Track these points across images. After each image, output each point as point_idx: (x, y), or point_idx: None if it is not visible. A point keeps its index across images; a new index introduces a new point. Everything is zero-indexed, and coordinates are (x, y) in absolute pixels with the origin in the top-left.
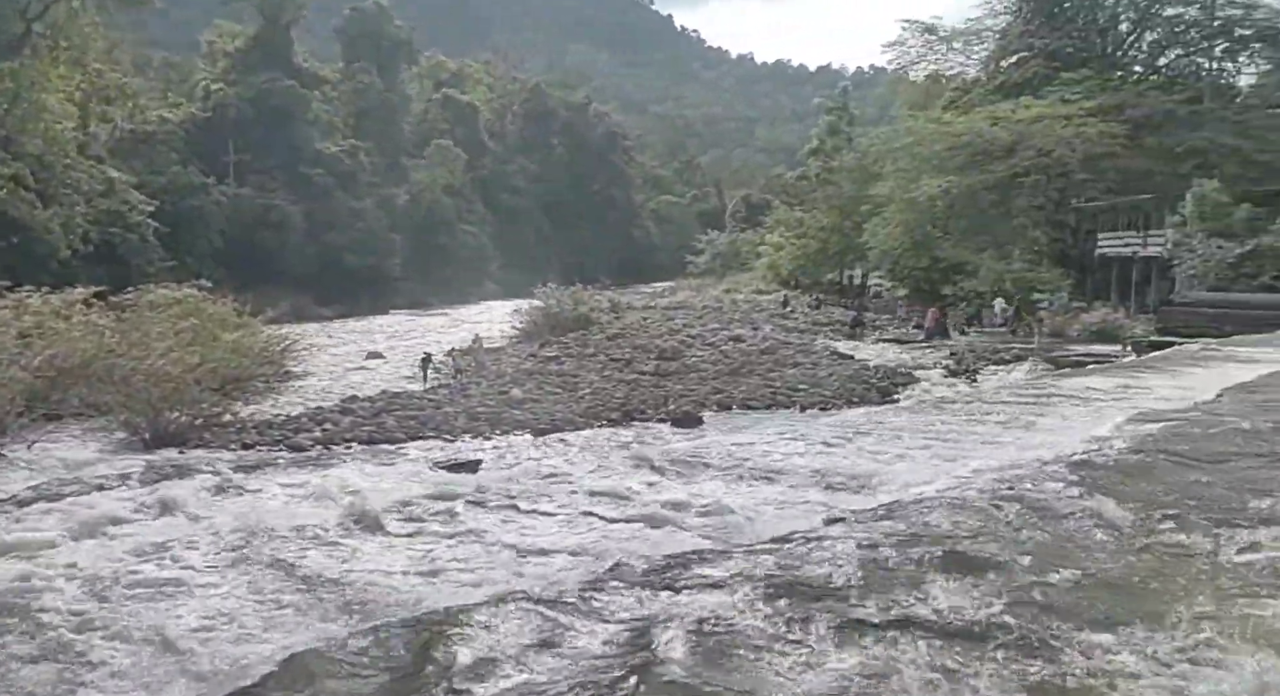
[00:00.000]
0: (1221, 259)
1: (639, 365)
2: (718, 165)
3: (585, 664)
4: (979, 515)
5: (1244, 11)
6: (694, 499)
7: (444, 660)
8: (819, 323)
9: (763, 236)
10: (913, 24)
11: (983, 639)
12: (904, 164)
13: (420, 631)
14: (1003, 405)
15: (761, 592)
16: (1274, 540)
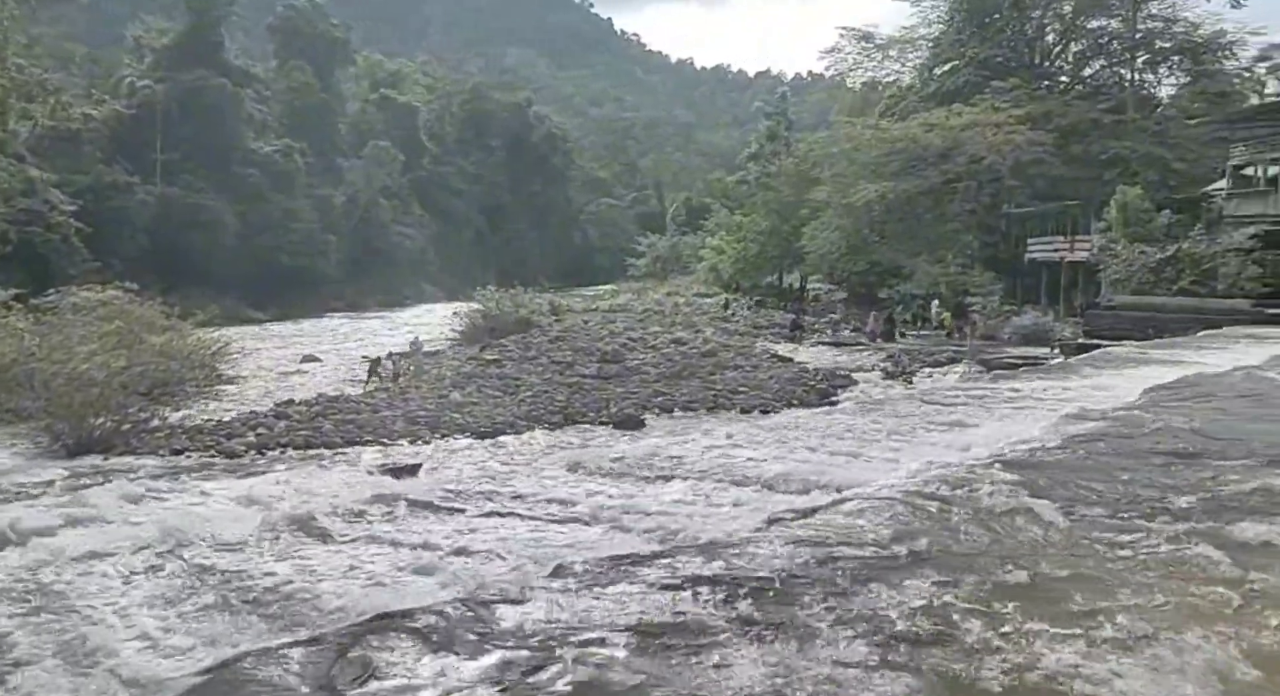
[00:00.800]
0: (1143, 264)
1: (580, 368)
2: (658, 168)
3: (521, 666)
4: (915, 515)
5: (1163, 25)
6: (635, 501)
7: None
8: (759, 325)
9: (703, 240)
10: (850, 31)
11: (917, 638)
12: (841, 169)
13: (352, 639)
14: (938, 406)
15: (699, 593)
16: (1198, 534)
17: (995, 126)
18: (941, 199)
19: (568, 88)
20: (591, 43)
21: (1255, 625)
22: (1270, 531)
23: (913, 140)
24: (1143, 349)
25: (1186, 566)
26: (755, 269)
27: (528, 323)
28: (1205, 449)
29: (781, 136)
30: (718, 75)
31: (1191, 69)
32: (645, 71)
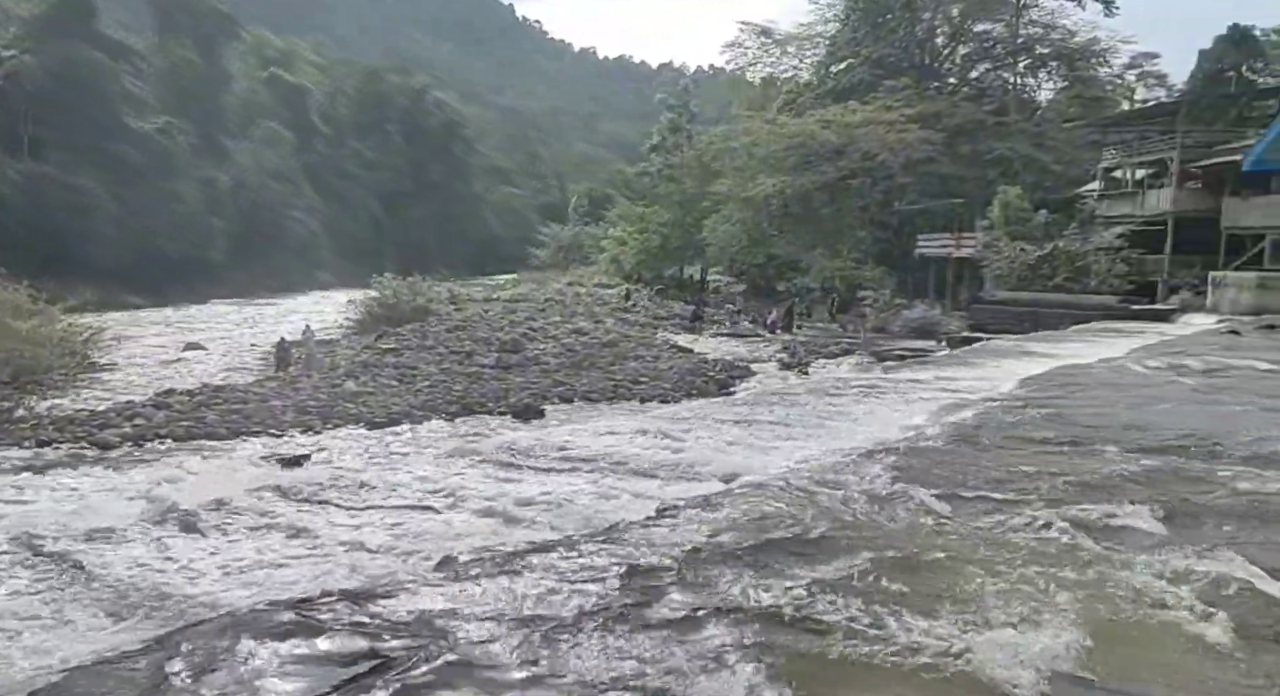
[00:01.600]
0: (1023, 261)
1: (479, 358)
2: (560, 158)
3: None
4: (804, 502)
5: (1043, 31)
6: (531, 491)
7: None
8: (660, 316)
9: (605, 230)
10: (750, 26)
11: (801, 623)
12: (741, 163)
13: (222, 637)
14: (830, 397)
15: (582, 583)
16: (1062, 517)
17: (888, 125)
18: (837, 194)
19: (468, 74)
20: (493, 29)
21: (1109, 603)
22: (1126, 513)
23: (810, 136)
24: (1020, 341)
25: (1050, 547)
26: (657, 260)
27: (426, 311)
28: (1072, 436)
29: (683, 129)
30: (621, 65)
31: (1068, 74)
32: (547, 59)
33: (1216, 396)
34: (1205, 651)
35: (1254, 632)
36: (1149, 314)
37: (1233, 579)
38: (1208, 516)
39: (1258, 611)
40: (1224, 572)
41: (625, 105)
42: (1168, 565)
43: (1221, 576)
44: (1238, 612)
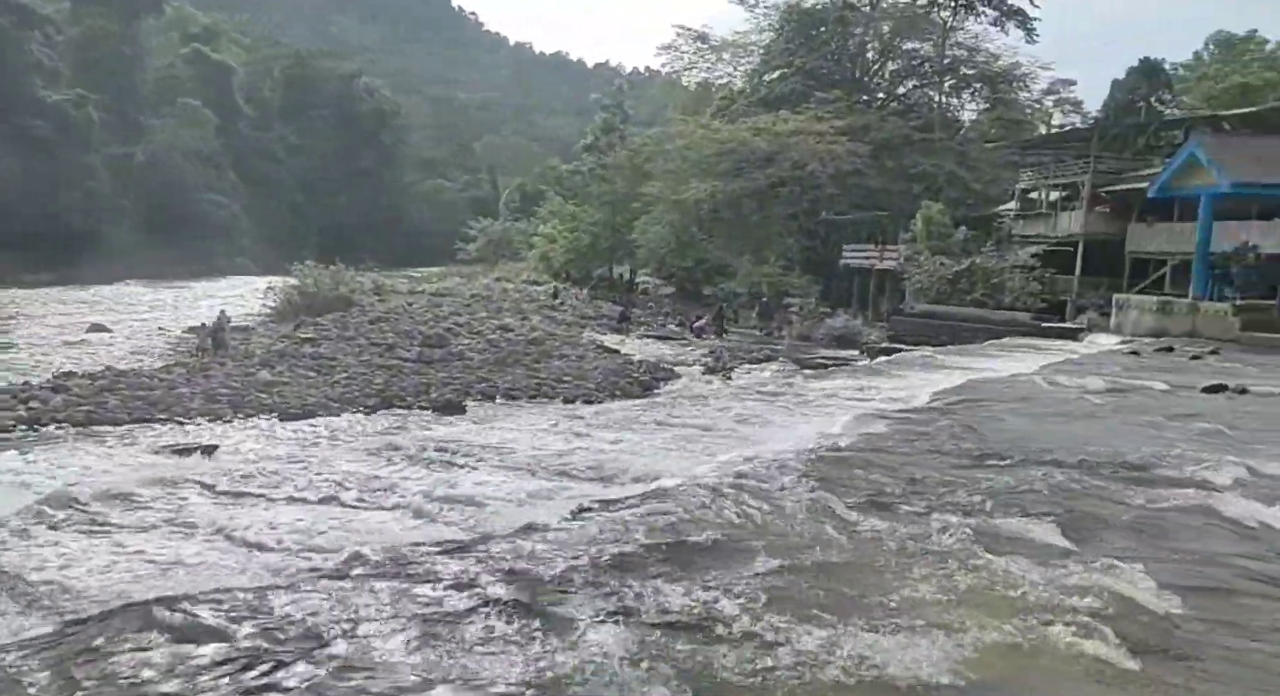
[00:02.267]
0: (942, 275)
1: (401, 351)
2: (493, 152)
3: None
4: (718, 506)
5: (968, 53)
6: (446, 488)
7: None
8: (587, 316)
9: (536, 227)
10: (686, 31)
11: (703, 628)
12: (674, 166)
13: (102, 635)
14: (752, 402)
15: (494, 584)
16: (965, 526)
17: (818, 135)
18: (766, 201)
19: (400, 63)
20: (426, 18)
21: (1006, 613)
22: (1029, 526)
23: (742, 142)
24: (937, 354)
25: (953, 557)
26: (587, 259)
27: (348, 302)
28: (980, 447)
29: (617, 129)
30: (557, 62)
31: (990, 96)
32: (483, 52)
33: (1117, 414)
34: (1094, 663)
35: (1142, 645)
36: (1058, 332)
37: (1124, 592)
38: (1105, 530)
39: (1146, 624)
40: (1117, 586)
41: (560, 102)
42: (1065, 577)
43: (1114, 589)
44: (1127, 625)
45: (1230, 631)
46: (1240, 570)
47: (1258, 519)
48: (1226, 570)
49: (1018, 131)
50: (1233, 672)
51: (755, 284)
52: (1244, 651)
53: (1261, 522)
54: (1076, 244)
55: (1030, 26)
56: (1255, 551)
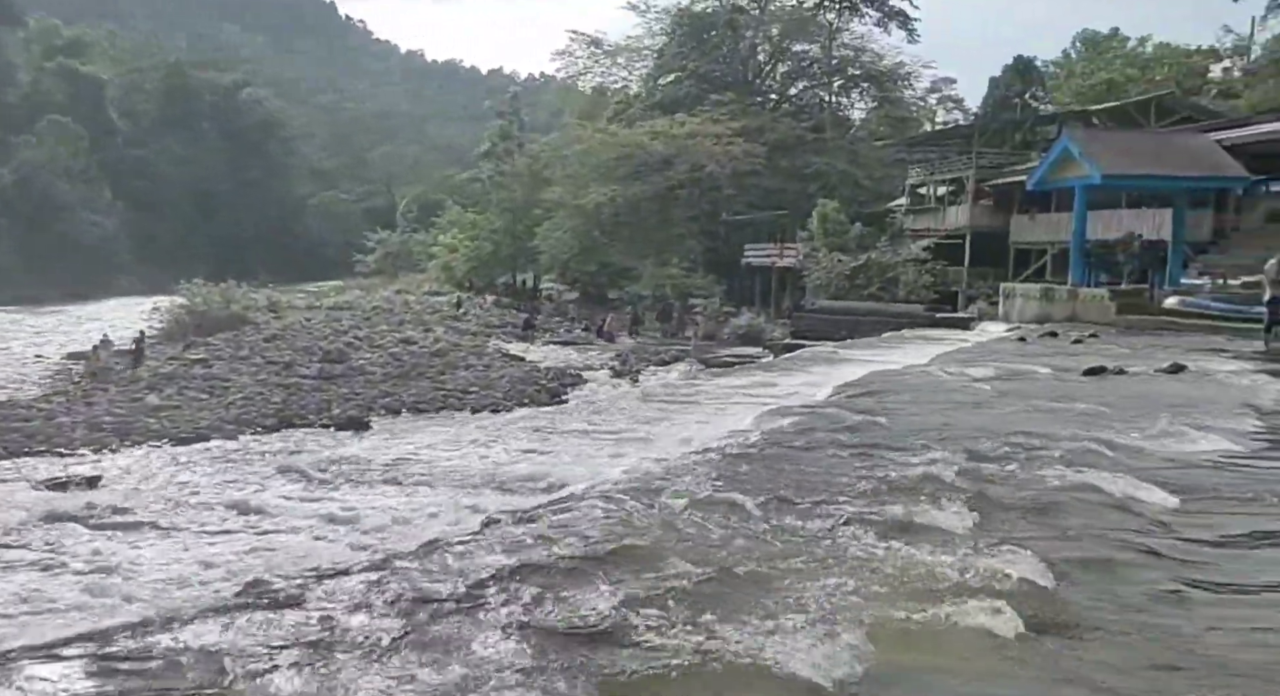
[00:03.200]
0: (840, 271)
1: (300, 368)
2: (388, 161)
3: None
4: (626, 511)
5: (854, 53)
6: (350, 507)
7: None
8: (491, 325)
9: (436, 237)
10: (580, 36)
11: (610, 635)
12: (573, 171)
13: None
14: (659, 403)
15: (395, 604)
16: (873, 520)
17: (715, 137)
18: (667, 204)
19: (288, 72)
20: (312, 26)
21: (911, 601)
22: (931, 513)
23: (640, 146)
24: (838, 348)
25: (859, 549)
26: (489, 267)
27: (242, 319)
28: (880, 438)
29: (514, 136)
30: (450, 69)
31: (877, 95)
32: (373, 60)
33: (1008, 400)
34: (995, 644)
35: (1036, 621)
36: (951, 322)
37: (1018, 571)
38: (999, 512)
39: (1040, 600)
40: (1011, 565)
41: (455, 110)
42: (962, 560)
43: (1009, 569)
44: (1022, 602)
45: (1113, 601)
46: (1120, 542)
47: (1133, 493)
48: (1108, 544)
49: (904, 129)
50: (1118, 641)
51: (659, 286)
52: (1126, 620)
53: (1136, 497)
54: (964, 236)
55: (911, 27)
56: (1132, 525)
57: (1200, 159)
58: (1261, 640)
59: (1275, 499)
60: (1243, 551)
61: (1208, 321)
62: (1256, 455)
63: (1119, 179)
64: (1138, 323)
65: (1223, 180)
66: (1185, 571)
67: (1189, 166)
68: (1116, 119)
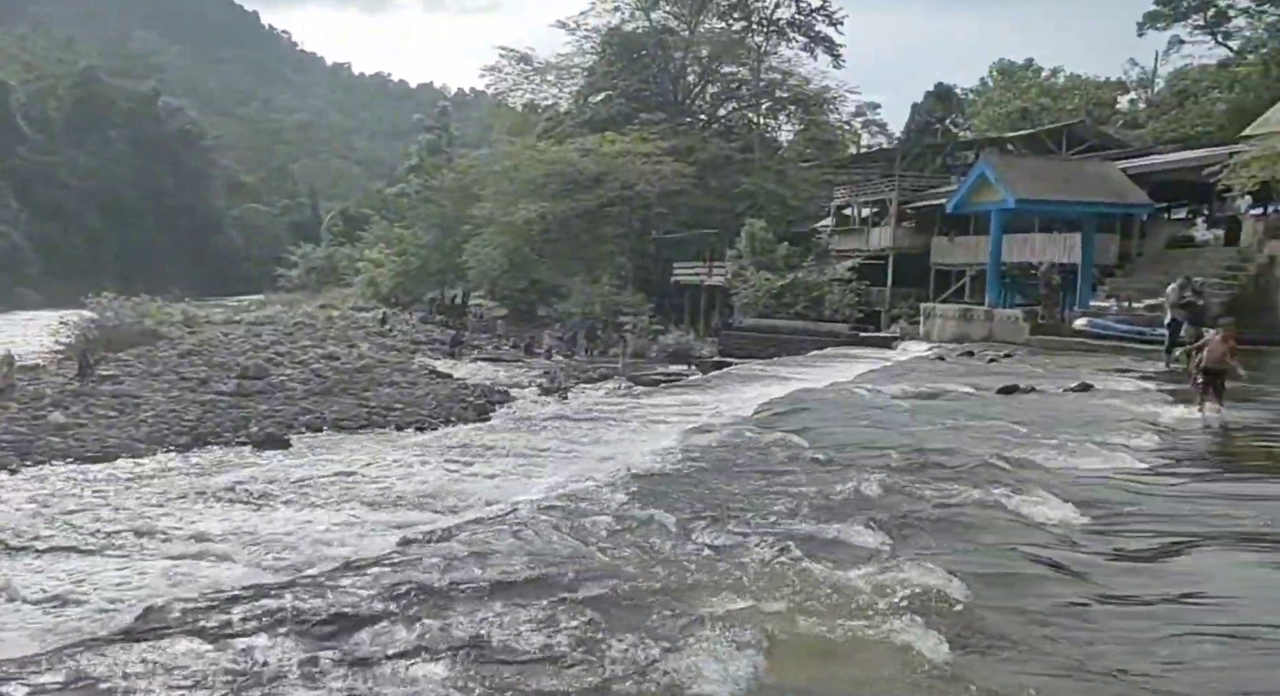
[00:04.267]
0: (767, 290)
1: (217, 384)
2: (312, 174)
3: None
4: (547, 530)
5: (781, 77)
6: (263, 527)
7: None
8: (418, 341)
9: (362, 251)
10: (509, 53)
11: (525, 656)
12: (503, 187)
13: None
14: (587, 421)
15: (306, 628)
16: (792, 538)
17: (645, 156)
18: (597, 221)
19: (207, 82)
20: (234, 35)
21: (828, 616)
22: (848, 529)
23: (570, 163)
24: (764, 366)
25: (778, 566)
26: (416, 283)
27: (155, 334)
28: (801, 456)
29: (443, 151)
30: (377, 83)
31: (804, 118)
32: (296, 72)
33: (926, 418)
34: (908, 657)
35: (949, 635)
36: (874, 341)
37: (932, 586)
38: (913, 528)
39: (951, 615)
40: (925, 580)
41: (383, 123)
42: (878, 576)
43: (923, 584)
44: (935, 617)
45: (1021, 615)
46: (1027, 557)
47: (1041, 510)
48: (1015, 559)
49: (830, 151)
50: (1026, 655)
51: (589, 303)
52: (1033, 633)
53: (1044, 513)
54: (888, 257)
55: (837, 53)
56: (1040, 540)
57: (1108, 186)
58: (1153, 651)
59: (1171, 515)
60: (1141, 565)
61: (1114, 342)
62: (1156, 472)
63: (1032, 204)
64: (1050, 342)
65: (1128, 207)
66: (1087, 585)
67: (1097, 193)
68: (1030, 146)
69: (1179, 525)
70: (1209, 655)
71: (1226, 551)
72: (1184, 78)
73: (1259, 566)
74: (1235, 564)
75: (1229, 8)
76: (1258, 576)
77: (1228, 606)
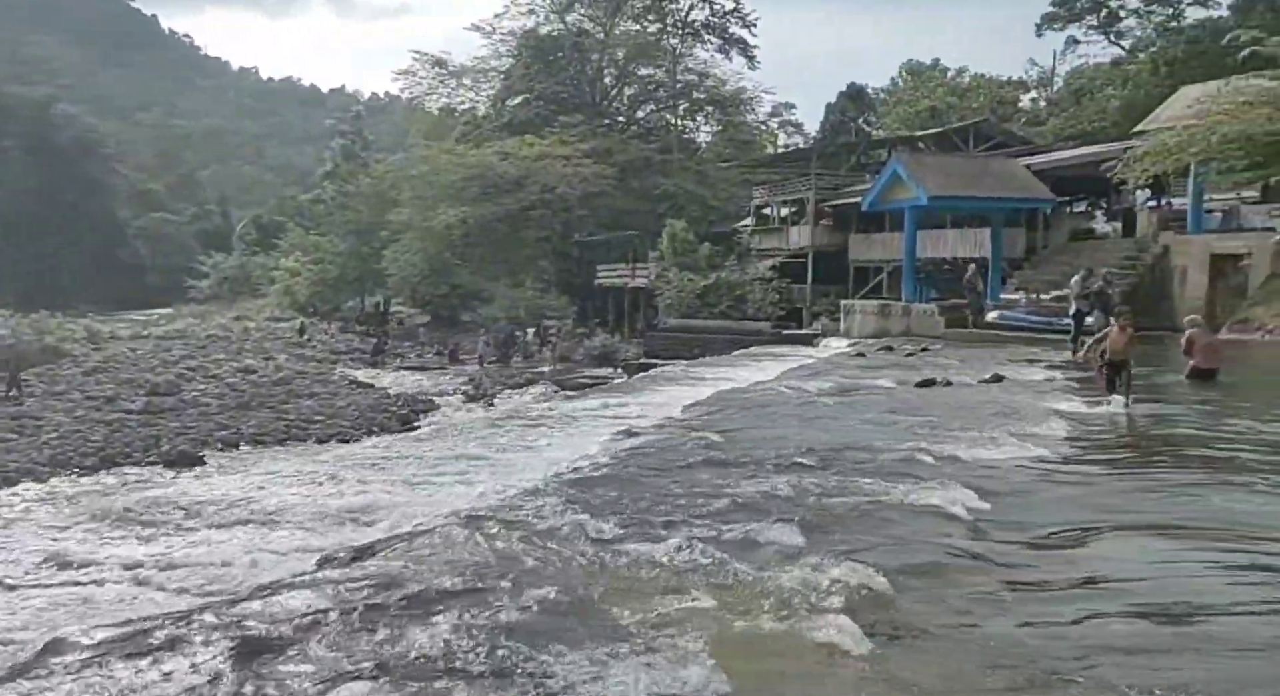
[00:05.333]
0: (691, 290)
1: (125, 402)
2: (222, 182)
3: None
4: (473, 542)
5: (698, 78)
6: (173, 551)
7: None
8: (338, 351)
9: (277, 260)
10: (424, 56)
11: (446, 677)
12: (421, 192)
13: None
14: (513, 428)
15: (217, 655)
16: (716, 539)
17: (565, 159)
18: (519, 225)
19: (107, 87)
20: (134, 40)
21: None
22: (772, 528)
23: (489, 167)
24: (689, 367)
25: (702, 568)
26: (335, 291)
27: (57, 352)
28: (726, 456)
29: (359, 156)
30: (288, 87)
31: (722, 119)
32: (202, 76)
33: (847, 413)
34: (833, 655)
35: (873, 629)
36: (796, 338)
37: (856, 581)
38: (836, 525)
39: (876, 609)
40: (849, 576)
41: (295, 129)
42: (803, 574)
43: (847, 580)
44: (860, 612)
45: (942, 606)
46: (947, 549)
47: (958, 501)
48: (936, 551)
49: (748, 151)
50: (947, 645)
51: (513, 308)
52: (954, 623)
53: (961, 504)
54: (807, 255)
55: (751, 54)
56: (956, 531)
57: (1014, 182)
58: (1066, 634)
59: (1079, 503)
60: (1052, 552)
61: (1025, 333)
62: (1065, 460)
63: (944, 200)
64: (964, 336)
65: (1033, 202)
66: (1003, 573)
67: (1004, 189)
68: (940, 144)
69: (1086, 513)
70: (1118, 635)
71: (1130, 537)
72: (1080, 76)
73: (1159, 550)
74: (1138, 549)
75: (1120, 9)
76: (1158, 560)
77: (1132, 590)
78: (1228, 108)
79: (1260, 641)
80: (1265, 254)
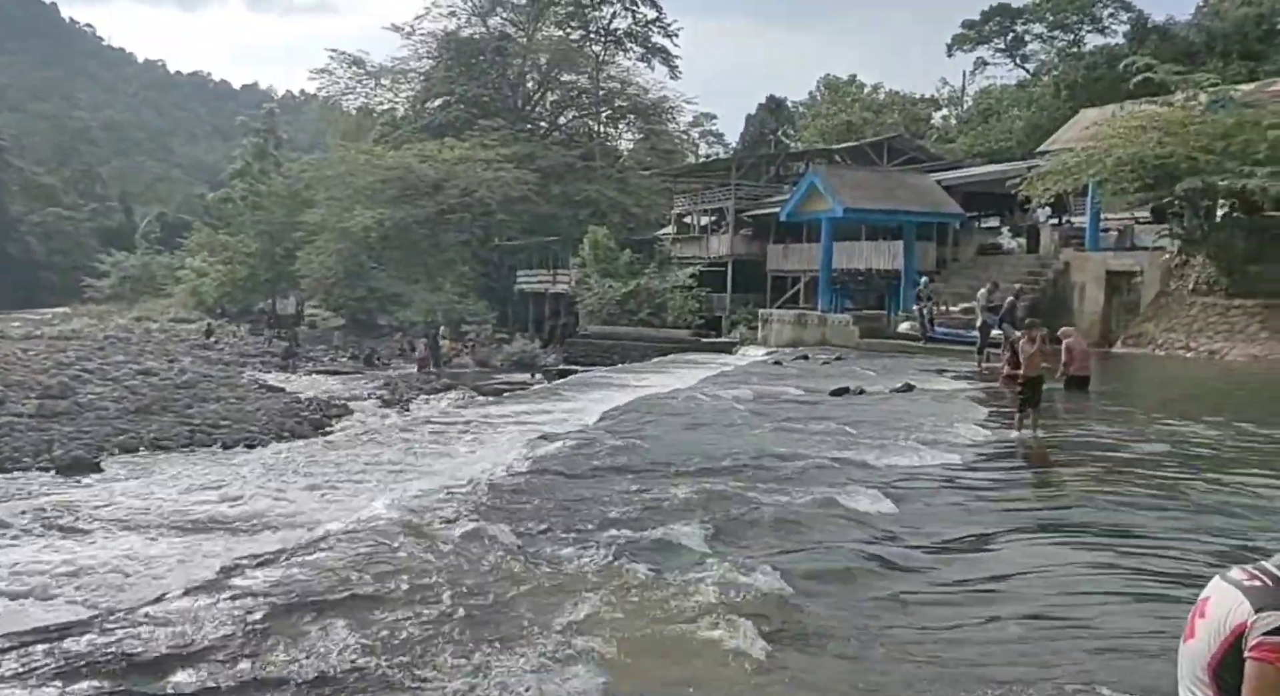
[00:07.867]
0: (611, 297)
1: (14, 405)
2: (125, 178)
3: None
4: (383, 549)
5: (620, 86)
6: (63, 561)
7: None
8: (247, 354)
9: (183, 260)
10: (341, 55)
11: (354, 684)
12: (337, 193)
13: None
14: (428, 434)
15: (109, 672)
16: (626, 544)
17: (485, 163)
18: (438, 228)
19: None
20: (28, 27)
21: (656, 622)
22: (681, 533)
23: (408, 169)
24: (608, 373)
25: (610, 573)
26: (245, 293)
27: None
28: (641, 462)
29: (271, 154)
30: (197, 82)
31: (644, 127)
32: (103, 68)
33: (762, 420)
34: (737, 658)
35: (775, 633)
36: (715, 346)
37: (761, 586)
38: (747, 531)
39: (779, 613)
40: (754, 581)
41: (204, 125)
42: (710, 579)
43: (752, 585)
44: (763, 617)
45: (846, 609)
46: (854, 553)
47: (866, 507)
48: (841, 555)
49: (670, 160)
50: (850, 647)
51: (431, 312)
52: (859, 626)
53: (869, 510)
54: (727, 264)
55: (674, 64)
56: (864, 536)
57: (926, 197)
58: (966, 635)
59: (982, 508)
60: (955, 555)
61: (934, 344)
62: (970, 466)
63: (859, 212)
64: (878, 346)
65: (944, 216)
66: (907, 577)
67: (917, 203)
68: (855, 157)
69: (988, 516)
70: (1014, 637)
71: (1027, 540)
72: (989, 96)
73: (1054, 553)
74: (1034, 551)
75: (1025, 34)
76: (1052, 561)
77: (1027, 591)
78: (1122, 131)
79: (1127, 630)
80: (1155, 271)
